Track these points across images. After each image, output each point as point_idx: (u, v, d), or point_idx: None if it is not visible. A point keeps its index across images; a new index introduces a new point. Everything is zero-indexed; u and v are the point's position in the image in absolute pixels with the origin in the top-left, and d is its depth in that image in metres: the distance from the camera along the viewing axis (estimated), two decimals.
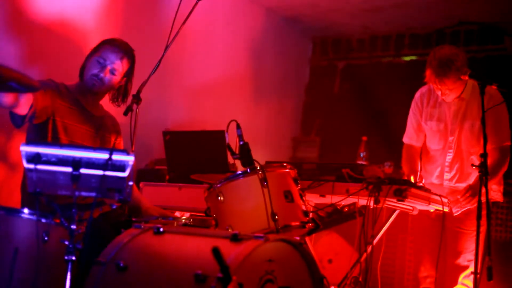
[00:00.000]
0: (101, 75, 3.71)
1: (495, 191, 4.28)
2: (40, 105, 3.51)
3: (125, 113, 3.61)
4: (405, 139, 4.65)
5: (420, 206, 3.99)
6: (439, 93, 4.27)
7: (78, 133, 3.71)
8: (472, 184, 4.18)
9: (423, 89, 4.52)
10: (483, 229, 3.86)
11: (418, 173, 4.50)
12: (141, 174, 4.78)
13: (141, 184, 4.27)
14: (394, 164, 5.44)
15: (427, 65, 4.23)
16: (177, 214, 4.00)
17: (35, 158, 2.51)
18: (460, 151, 4.34)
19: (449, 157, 4.37)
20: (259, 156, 3.28)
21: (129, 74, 3.86)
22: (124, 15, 5.20)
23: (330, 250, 5.37)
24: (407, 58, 7.32)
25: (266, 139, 6.81)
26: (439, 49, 4.28)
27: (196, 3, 3.72)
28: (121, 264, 2.65)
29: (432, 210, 4.15)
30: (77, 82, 3.81)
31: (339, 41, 7.78)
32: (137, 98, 3.62)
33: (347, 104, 7.49)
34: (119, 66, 3.75)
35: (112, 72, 3.74)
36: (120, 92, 3.89)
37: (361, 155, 5.88)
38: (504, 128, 4.25)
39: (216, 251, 2.17)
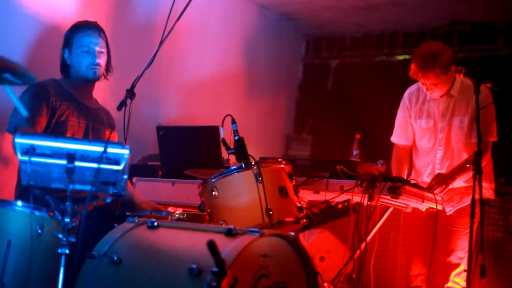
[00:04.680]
0: (96, 60, 3.73)
1: (487, 188, 4.27)
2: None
3: (119, 108, 3.63)
4: (393, 139, 4.63)
5: (414, 203, 3.98)
6: (424, 88, 4.27)
7: (73, 126, 3.72)
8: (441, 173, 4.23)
9: (412, 88, 4.51)
10: (475, 226, 3.87)
11: (405, 176, 4.49)
12: (134, 170, 4.75)
13: (134, 179, 4.26)
14: (386, 163, 5.45)
15: (412, 58, 4.24)
16: (170, 209, 3.99)
17: (29, 150, 2.49)
18: (451, 149, 4.34)
19: (439, 154, 4.37)
20: (251, 153, 3.27)
21: (107, 45, 3.88)
22: (118, 10, 5.17)
23: (322, 248, 5.37)
24: (401, 57, 7.31)
25: (258, 137, 6.79)
26: (425, 44, 4.32)
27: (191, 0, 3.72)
28: (115, 258, 2.64)
29: (424, 209, 4.15)
30: (65, 77, 3.82)
31: (333, 40, 7.76)
32: (131, 93, 3.63)
33: (340, 103, 7.48)
34: (102, 42, 3.79)
35: (101, 51, 3.77)
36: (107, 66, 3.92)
37: (354, 153, 5.90)
38: (489, 124, 4.23)
39: (211, 245, 2.16)
